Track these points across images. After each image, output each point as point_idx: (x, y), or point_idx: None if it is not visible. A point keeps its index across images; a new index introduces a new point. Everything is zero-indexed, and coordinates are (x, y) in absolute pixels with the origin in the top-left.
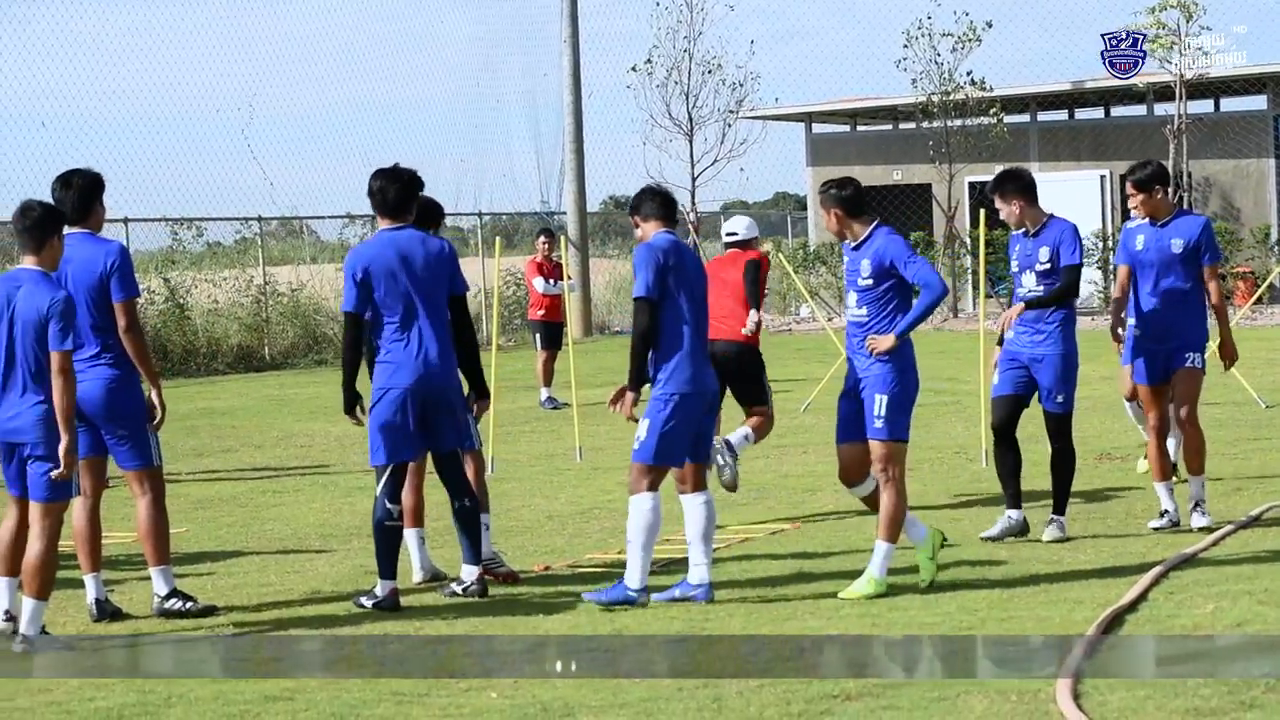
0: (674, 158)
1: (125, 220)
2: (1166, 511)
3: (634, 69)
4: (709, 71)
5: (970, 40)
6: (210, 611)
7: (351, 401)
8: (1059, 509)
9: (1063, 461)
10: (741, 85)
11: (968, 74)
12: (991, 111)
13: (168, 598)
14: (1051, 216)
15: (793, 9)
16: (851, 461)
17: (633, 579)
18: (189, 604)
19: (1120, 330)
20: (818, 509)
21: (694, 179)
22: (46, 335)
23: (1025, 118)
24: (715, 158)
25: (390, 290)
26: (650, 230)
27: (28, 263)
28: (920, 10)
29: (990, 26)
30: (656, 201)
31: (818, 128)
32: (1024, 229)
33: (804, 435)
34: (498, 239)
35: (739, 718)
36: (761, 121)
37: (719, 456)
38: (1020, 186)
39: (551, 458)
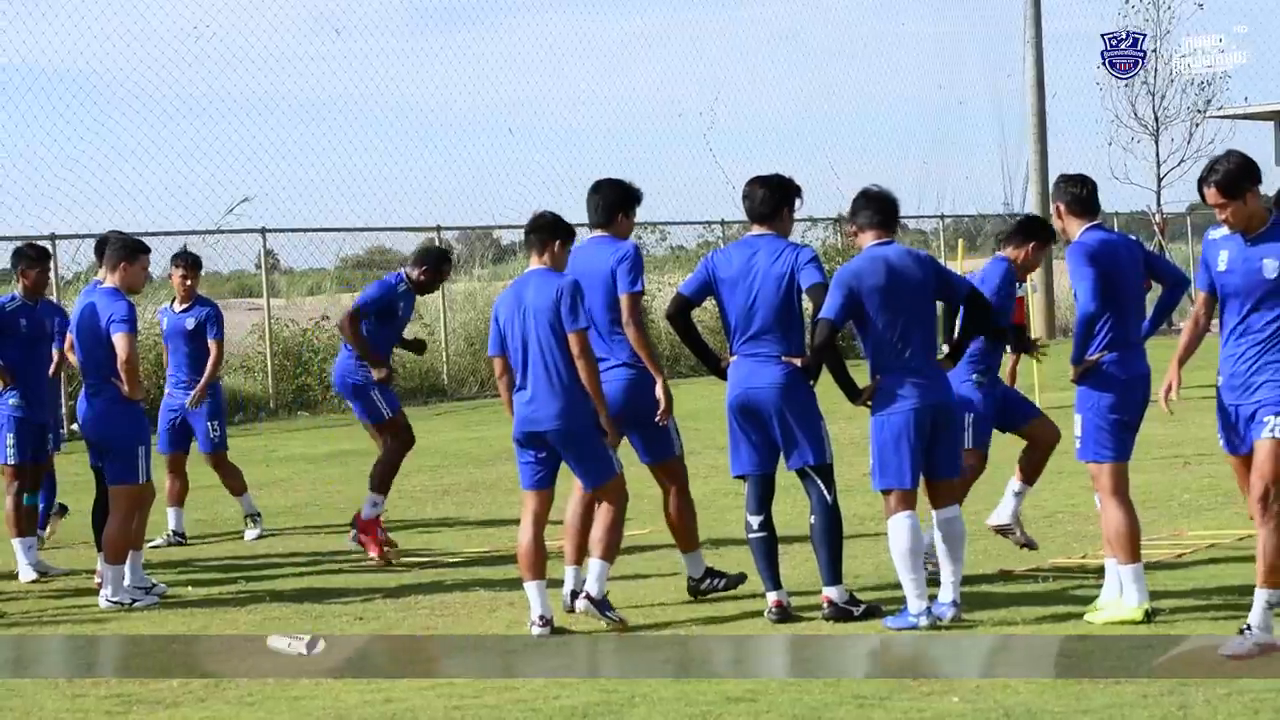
0: (1139, 158)
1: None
2: None
3: (1100, 67)
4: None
5: None
6: (739, 580)
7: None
8: None
9: None
10: (1210, 84)
11: None
12: None
13: (704, 578)
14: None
15: (1262, 5)
16: None
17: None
18: (720, 581)
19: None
20: None
21: (1159, 179)
22: (559, 321)
23: None
24: (1182, 158)
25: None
26: (865, 240)
27: (533, 263)
28: None
29: None
30: (871, 208)
31: None
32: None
33: None
34: (960, 241)
35: None
36: (1230, 121)
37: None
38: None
39: (1013, 462)
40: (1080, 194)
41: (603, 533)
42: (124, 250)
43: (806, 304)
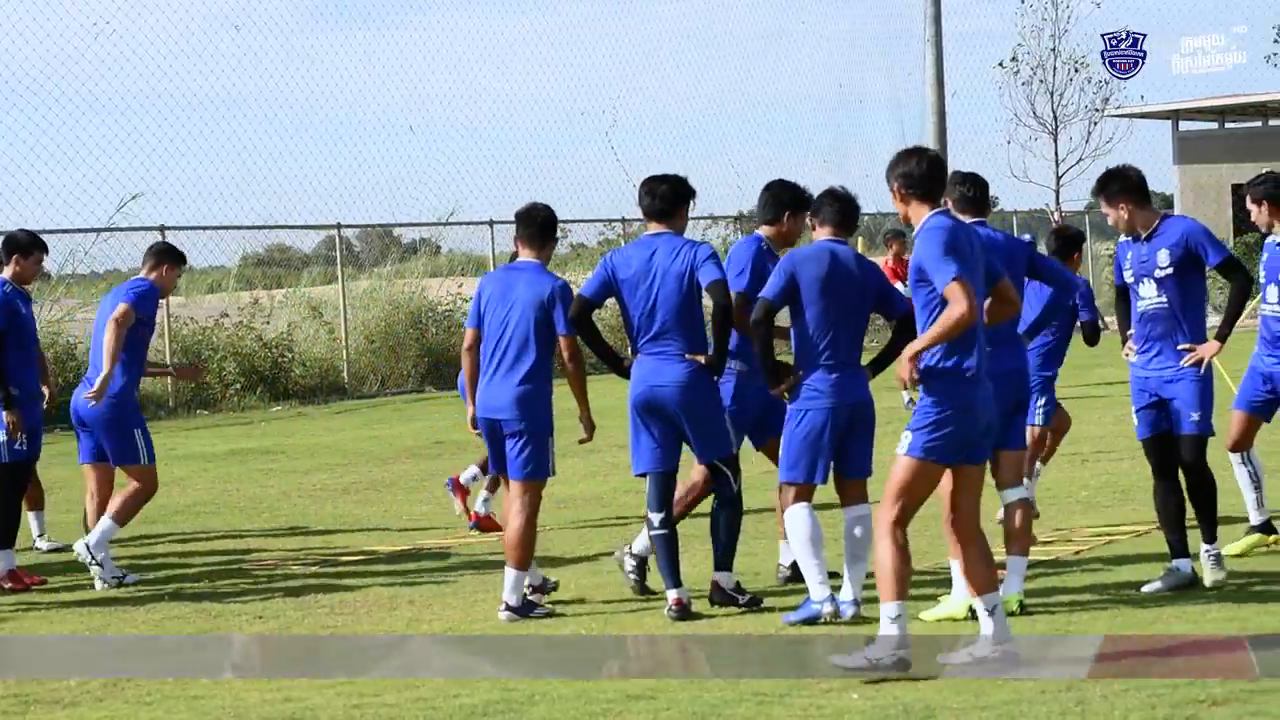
0: (1038, 157)
1: (490, 222)
2: None
3: (1000, 65)
4: (1075, 69)
5: None
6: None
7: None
8: (1210, 538)
9: (1203, 490)
10: (1107, 83)
11: None
12: None
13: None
14: (1166, 216)
15: (1159, 5)
16: None
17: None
18: (635, 580)
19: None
20: None
21: (1059, 178)
22: (545, 318)
23: None
24: (1080, 156)
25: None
26: (821, 236)
27: (526, 256)
28: None
29: None
30: (835, 206)
31: (1184, 125)
32: (1135, 234)
33: None
34: (859, 239)
35: None
36: (1128, 119)
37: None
38: (1126, 186)
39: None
40: (970, 193)
41: (519, 541)
42: (169, 255)
43: (707, 301)
